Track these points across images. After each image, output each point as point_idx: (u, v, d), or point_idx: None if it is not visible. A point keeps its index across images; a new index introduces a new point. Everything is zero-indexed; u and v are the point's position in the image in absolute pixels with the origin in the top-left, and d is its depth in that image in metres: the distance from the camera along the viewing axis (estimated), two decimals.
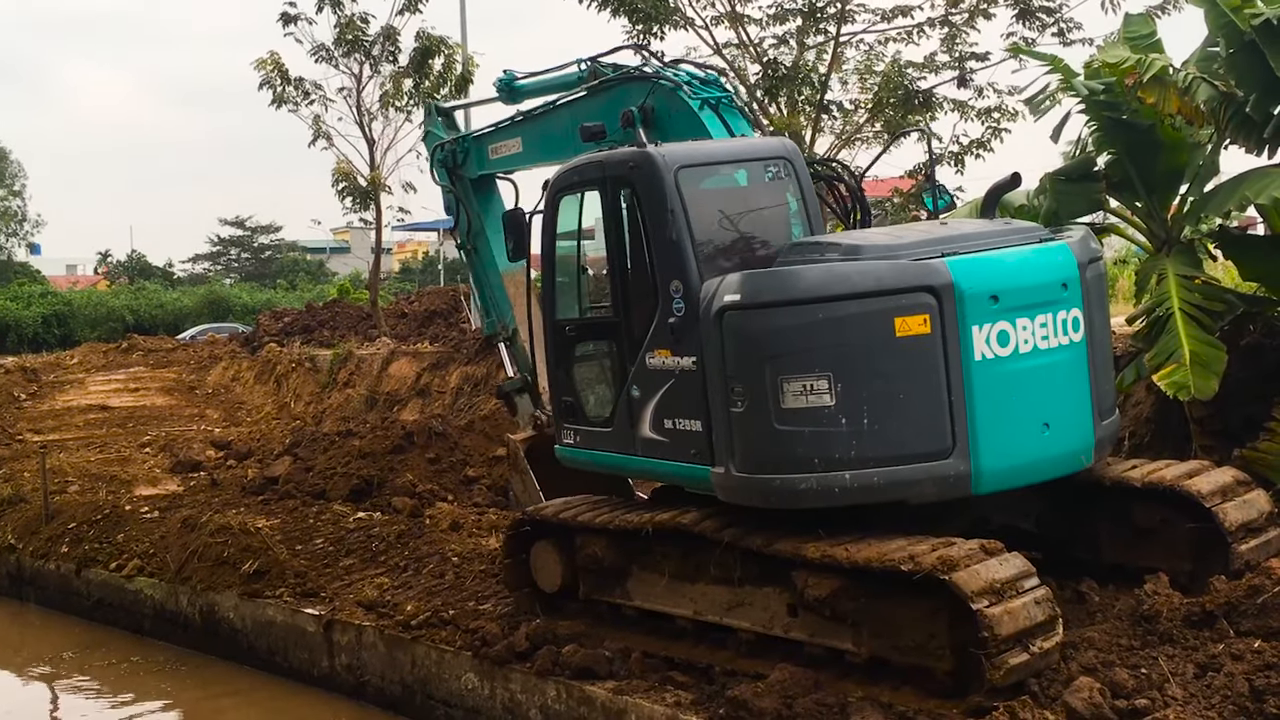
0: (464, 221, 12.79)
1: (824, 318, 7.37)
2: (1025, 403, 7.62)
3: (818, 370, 7.35)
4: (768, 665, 7.75)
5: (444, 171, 12.77)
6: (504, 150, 11.98)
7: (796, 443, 7.42)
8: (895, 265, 7.50)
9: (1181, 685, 6.67)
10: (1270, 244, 11.22)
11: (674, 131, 9.43)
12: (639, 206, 8.46)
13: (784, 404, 7.42)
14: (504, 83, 12.51)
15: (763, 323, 7.51)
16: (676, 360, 8.18)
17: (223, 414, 24.96)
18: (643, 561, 8.78)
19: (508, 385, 12.90)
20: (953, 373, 7.36)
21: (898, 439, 7.38)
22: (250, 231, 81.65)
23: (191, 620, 12.53)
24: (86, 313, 56.17)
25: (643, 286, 8.49)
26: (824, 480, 7.39)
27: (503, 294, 12.82)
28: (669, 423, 8.29)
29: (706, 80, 9.97)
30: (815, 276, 7.51)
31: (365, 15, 27.69)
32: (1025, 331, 7.60)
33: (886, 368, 7.36)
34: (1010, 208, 11.56)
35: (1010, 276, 7.65)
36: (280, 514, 14.21)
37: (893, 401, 7.36)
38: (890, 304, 7.34)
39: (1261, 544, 8.00)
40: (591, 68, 10.91)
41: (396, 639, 10.11)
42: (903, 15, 20.44)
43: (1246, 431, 10.08)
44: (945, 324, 7.34)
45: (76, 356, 32.87)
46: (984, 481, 7.49)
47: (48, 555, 14.76)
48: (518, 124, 11.92)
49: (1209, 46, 11.21)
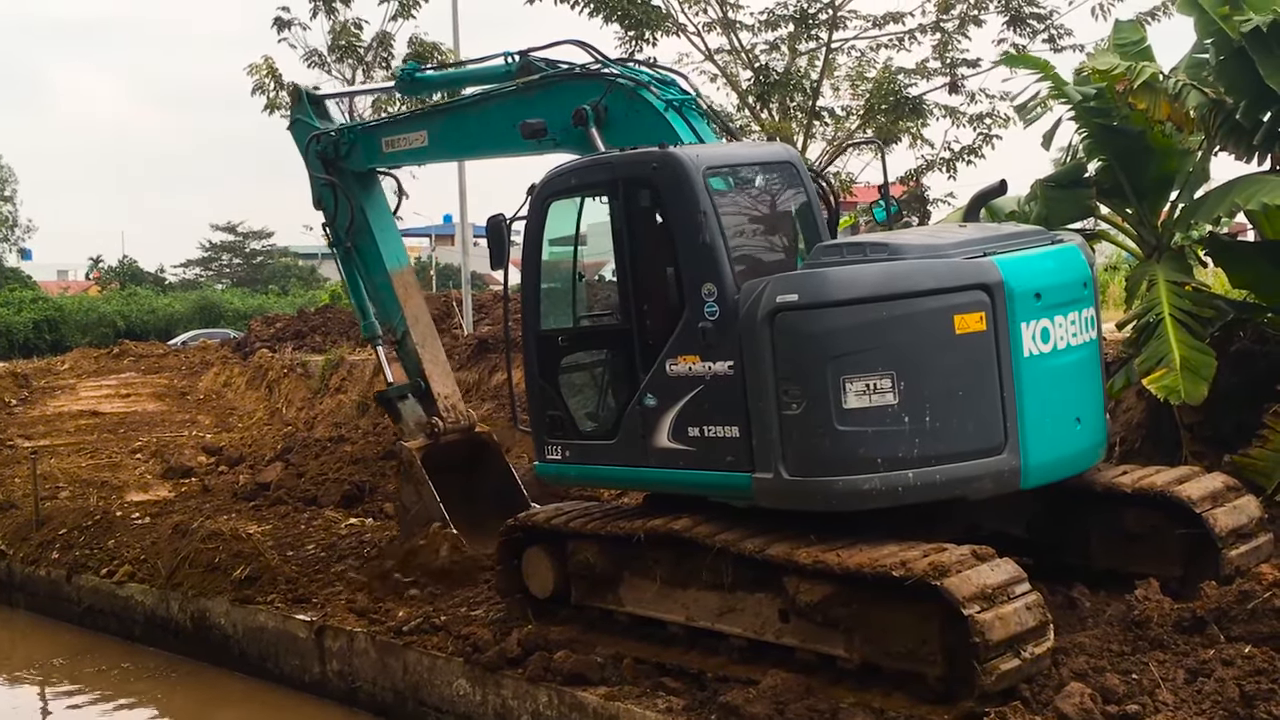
0: (343, 217, 12.12)
1: (888, 316, 7.38)
2: (1063, 398, 7.80)
3: (881, 369, 7.34)
4: (759, 671, 7.74)
5: (319, 163, 12.13)
6: (403, 144, 11.38)
7: (860, 443, 7.38)
8: (951, 263, 7.56)
9: (1172, 690, 6.68)
10: (1260, 250, 11.26)
11: (630, 133, 9.17)
12: (662, 209, 8.26)
13: (846, 404, 7.37)
14: (406, 73, 11.99)
15: (824, 322, 7.43)
16: (707, 366, 8.00)
17: (214, 420, 24.92)
18: (634, 567, 8.76)
19: (391, 391, 12.42)
20: (1004, 369, 7.45)
21: (957, 436, 7.42)
22: (242, 237, 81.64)
23: (183, 626, 12.50)
24: (78, 318, 56.07)
25: (662, 292, 8.27)
26: (888, 480, 7.36)
27: (390, 294, 12.30)
28: (695, 430, 8.11)
29: (664, 81, 9.68)
30: (876, 275, 7.48)
31: (359, 21, 27.66)
32: (1060, 328, 7.77)
33: (947, 365, 7.41)
34: (1001, 214, 11.61)
35: (1048, 274, 7.85)
36: (272, 520, 14.21)
37: (952, 399, 7.41)
38: (950, 301, 7.40)
39: (1252, 549, 8.03)
40: (523, 62, 10.50)
41: (388, 645, 10.10)
42: (894, 21, 20.45)
43: (1237, 437, 10.11)
44: (998, 321, 7.44)
45: (68, 362, 32.83)
46: (1031, 476, 7.60)
47: (38, 561, 14.71)
48: (424, 116, 11.38)
49: (1198, 53, 11.25)
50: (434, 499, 11.66)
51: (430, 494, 11.70)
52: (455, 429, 12.31)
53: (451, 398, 12.49)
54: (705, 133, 9.35)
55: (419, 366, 12.37)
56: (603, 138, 9.33)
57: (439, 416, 12.19)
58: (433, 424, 12.11)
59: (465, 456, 12.45)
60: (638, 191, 8.39)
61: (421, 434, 12.18)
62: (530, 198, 9.09)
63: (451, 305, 30.35)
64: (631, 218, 8.44)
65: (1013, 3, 19.51)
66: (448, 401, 12.38)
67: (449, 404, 12.38)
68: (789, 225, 8.93)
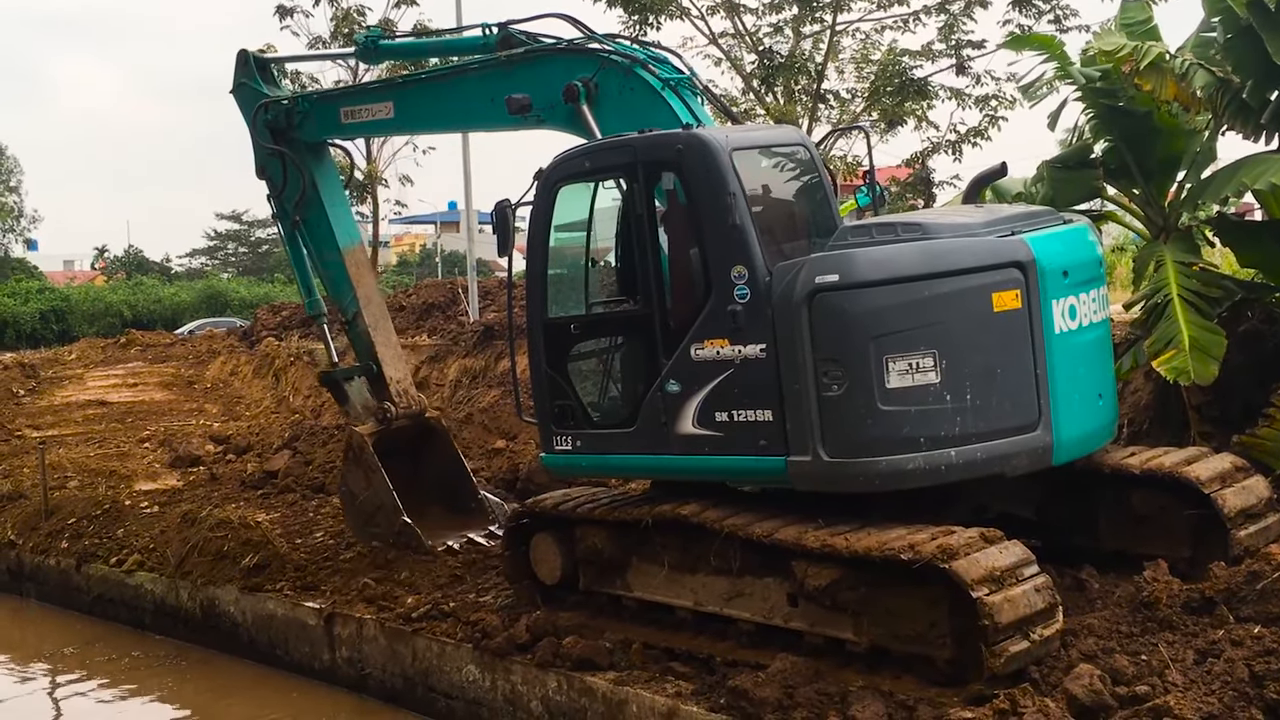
0: (293, 189, 11.58)
1: (929, 295, 7.39)
2: (1089, 374, 7.90)
3: (923, 348, 7.36)
4: (768, 655, 7.75)
5: (267, 132, 11.60)
6: (364, 115, 10.94)
7: (903, 422, 7.39)
8: (987, 242, 7.59)
9: (1181, 671, 6.67)
10: (1268, 230, 11.20)
11: (624, 111, 9.04)
12: (690, 191, 8.12)
13: (889, 384, 7.37)
14: (368, 39, 11.47)
15: (866, 302, 7.42)
16: (737, 349, 7.91)
17: (221, 408, 24.94)
18: (642, 553, 8.76)
19: (337, 373, 12.06)
20: (1038, 346, 7.50)
21: (996, 413, 7.46)
22: (247, 226, 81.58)
23: (192, 615, 12.53)
24: (84, 308, 56.16)
25: (685, 275, 8.15)
26: (931, 459, 7.38)
27: (341, 273, 11.88)
28: (723, 415, 8.03)
29: (657, 59, 9.49)
30: (916, 254, 7.49)
31: (362, 8, 27.69)
32: (1085, 306, 7.87)
33: (986, 343, 7.45)
34: (1007, 196, 11.58)
35: (1072, 253, 7.91)
36: (280, 508, 14.23)
37: (991, 376, 7.44)
38: (989, 279, 7.44)
39: (1260, 530, 8.02)
40: (502, 34, 10.21)
41: (397, 632, 10.12)
42: (899, 3, 20.44)
43: (1245, 418, 10.08)
44: (1031, 299, 7.48)
45: (75, 352, 32.84)
46: (1062, 451, 7.65)
47: (48, 551, 14.76)
48: (391, 86, 11.01)
49: (1204, 32, 11.19)
50: (385, 486, 11.49)
51: (381, 480, 11.51)
52: (406, 414, 12.05)
53: (403, 382, 12.18)
54: (701, 113, 9.27)
55: (370, 349, 12.02)
56: (593, 115, 9.19)
57: (390, 401, 11.90)
58: (384, 409, 11.83)
59: (414, 442, 12.22)
60: (661, 174, 8.24)
61: (371, 419, 11.93)
62: (537, 183, 8.92)
63: (457, 292, 30.32)
64: (652, 201, 8.34)
65: None
66: (399, 386, 12.09)
67: (400, 389, 12.09)
68: (805, 207, 8.90)
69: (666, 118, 8.87)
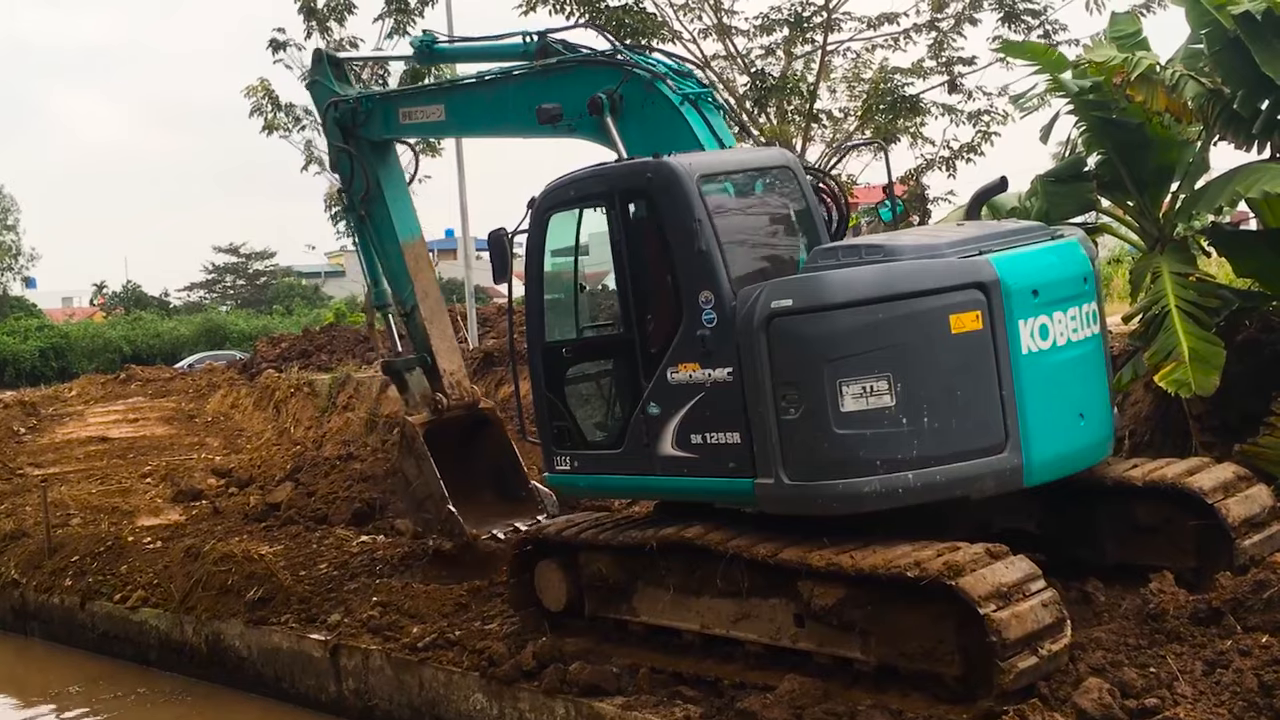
0: (359, 184, 12.03)
1: (883, 318, 7.39)
2: (1065, 394, 7.79)
3: (877, 371, 7.35)
4: (776, 676, 7.74)
5: (337, 130, 12.05)
6: (419, 116, 11.33)
7: (858, 445, 7.39)
8: (946, 263, 7.56)
9: (1190, 683, 6.66)
10: (1263, 239, 11.24)
11: (645, 124, 9.16)
12: (658, 218, 8.29)
13: (843, 407, 7.39)
14: (423, 42, 11.84)
15: (819, 326, 7.46)
16: (707, 373, 8.03)
17: (223, 441, 24.91)
18: (648, 577, 8.76)
19: (399, 363, 12.38)
20: (1003, 367, 7.45)
21: (957, 436, 7.42)
22: (245, 258, 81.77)
23: (197, 649, 12.50)
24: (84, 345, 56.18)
25: (661, 300, 8.32)
26: (887, 482, 7.37)
27: (400, 265, 12.25)
28: (697, 437, 8.15)
29: (682, 73, 9.61)
30: (871, 277, 7.50)
31: (354, 40, 27.71)
32: (1060, 325, 7.76)
33: (944, 365, 7.42)
34: (1002, 210, 11.60)
35: (1045, 271, 7.82)
36: (283, 540, 14.21)
37: (951, 398, 7.41)
38: (945, 301, 7.41)
39: (1265, 539, 8.01)
40: (541, 43, 10.39)
41: (403, 661, 10.09)
42: (889, 22, 20.46)
43: (1245, 427, 10.09)
44: (994, 319, 7.44)
45: (75, 389, 32.82)
46: (1035, 473, 7.59)
47: (51, 589, 14.73)
48: (443, 90, 11.30)
49: (1194, 43, 11.24)
50: (434, 475, 11.69)
51: (431, 469, 11.71)
52: (459, 405, 12.31)
53: (457, 374, 12.46)
54: (720, 127, 9.36)
55: (426, 342, 12.33)
56: (617, 127, 9.32)
57: (443, 392, 12.19)
58: (436, 399, 12.12)
59: (467, 432, 12.47)
60: (634, 201, 8.45)
61: (425, 408, 12.18)
62: (530, 211, 9.13)
63: (456, 319, 30.34)
64: (629, 228, 8.49)
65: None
66: (453, 378, 12.38)
67: (454, 380, 12.37)
68: (788, 230, 8.93)
69: (683, 133, 9.02)
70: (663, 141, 8.82)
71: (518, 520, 11.91)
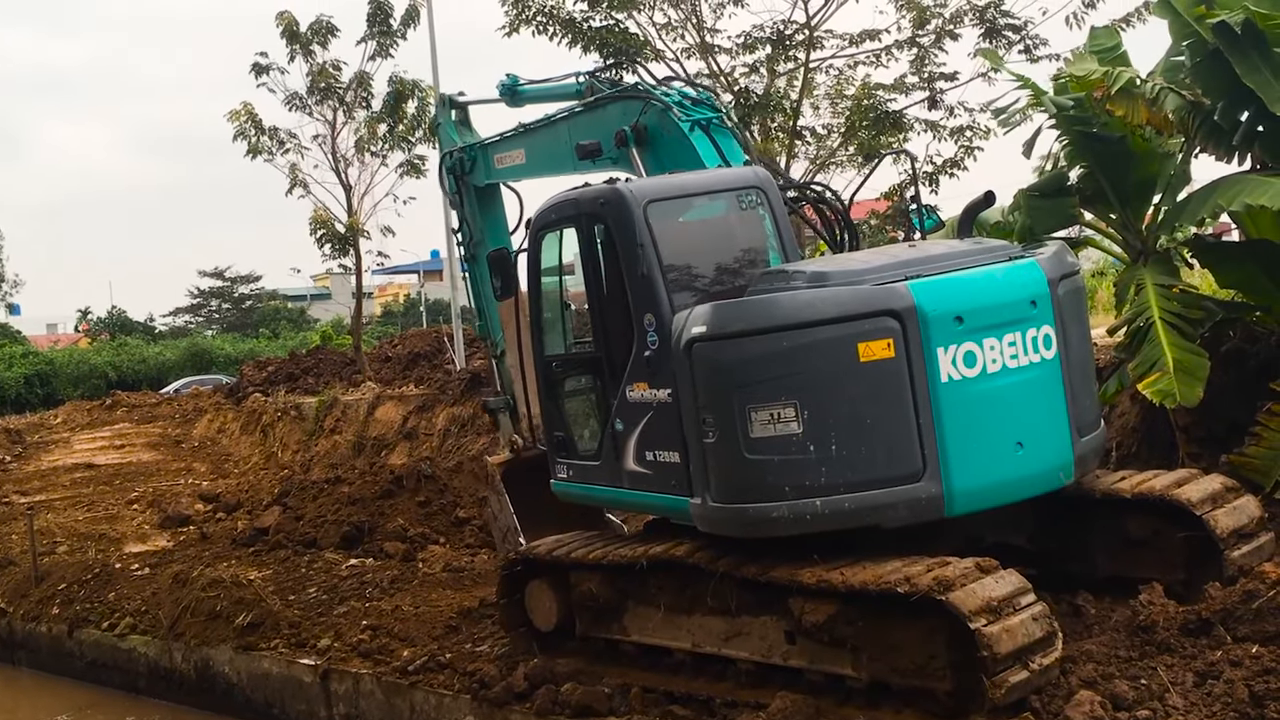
0: (464, 231, 12.70)
1: (788, 346, 7.39)
2: (996, 423, 7.61)
3: (784, 398, 7.38)
4: (768, 694, 7.72)
5: (453, 179, 12.63)
6: (509, 160, 11.85)
7: (767, 471, 7.45)
8: (857, 291, 7.50)
9: (1182, 694, 6.67)
10: (1245, 250, 11.29)
11: (665, 152, 9.46)
12: (612, 242, 8.54)
13: (752, 433, 7.45)
14: (507, 86, 12.45)
15: (729, 353, 7.54)
16: (654, 393, 8.25)
17: (210, 466, 24.85)
18: (638, 596, 8.75)
19: (495, 402, 12.87)
20: (919, 395, 7.36)
21: (867, 464, 7.37)
22: (230, 282, 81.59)
23: (187, 676, 12.43)
24: (69, 371, 55.88)
25: (620, 321, 8.55)
26: (795, 508, 7.39)
27: (494, 309, 12.69)
28: (650, 455, 8.37)
29: (699, 100, 9.91)
30: (777, 305, 7.53)
31: (337, 62, 27.81)
32: (993, 351, 7.58)
33: (852, 393, 7.36)
34: (986, 225, 11.64)
35: (975, 296, 7.63)
36: (272, 564, 14.16)
37: (860, 426, 7.36)
38: (853, 329, 7.35)
39: (1254, 549, 8.02)
40: (589, 82, 10.90)
41: (394, 685, 10.05)
42: (870, 39, 20.57)
43: (1232, 437, 10.13)
44: (910, 347, 7.34)
45: (60, 416, 32.72)
46: (957, 503, 7.47)
47: (39, 618, 14.64)
48: (520, 135, 11.77)
49: (1174, 56, 11.31)
50: (509, 511, 12.05)
51: (507, 505, 12.10)
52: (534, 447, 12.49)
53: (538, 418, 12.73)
54: (731, 150, 9.51)
55: (510, 386, 12.79)
56: (644, 157, 9.57)
57: (520, 435, 12.58)
58: (514, 440, 12.55)
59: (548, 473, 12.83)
60: (594, 226, 8.72)
61: (507, 449, 12.66)
62: (528, 231, 9.50)
63: (443, 340, 30.33)
64: (592, 251, 8.77)
65: (988, 14, 19.62)
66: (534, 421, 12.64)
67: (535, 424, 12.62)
68: (755, 249, 8.92)
69: (691, 159, 9.25)
70: (677, 166, 9.17)
71: None
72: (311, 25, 27.46)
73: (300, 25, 27.39)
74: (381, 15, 27.39)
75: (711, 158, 9.30)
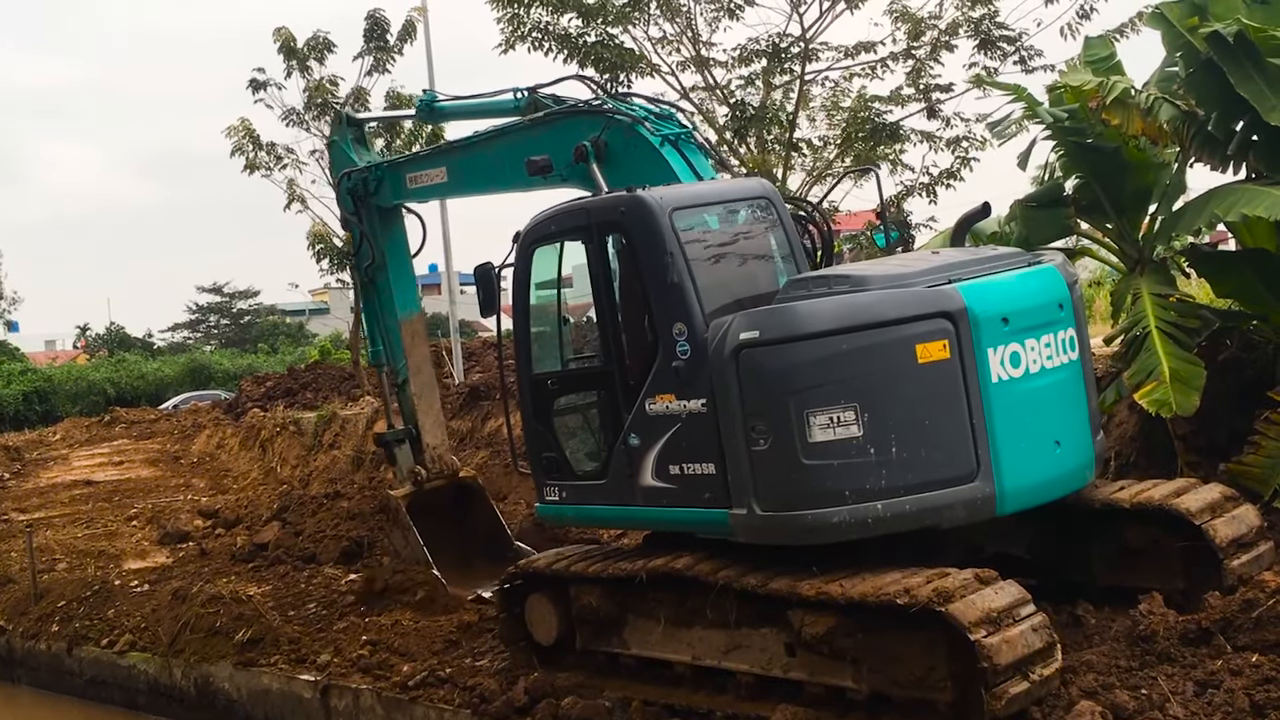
0: (365, 254, 12.43)
1: (848, 349, 7.40)
2: (1038, 422, 7.75)
3: (844, 401, 7.36)
4: (768, 707, 7.73)
5: (350, 199, 12.32)
6: (425, 180, 11.55)
7: (826, 476, 7.40)
8: (912, 293, 7.57)
9: (1182, 704, 6.68)
10: (1241, 259, 11.31)
11: (629, 168, 9.28)
12: (633, 251, 8.39)
13: (810, 438, 7.40)
14: (424, 102, 12.18)
15: (785, 358, 7.48)
16: (683, 404, 8.10)
17: (209, 482, 24.80)
18: (638, 609, 8.75)
19: (389, 435, 12.90)
20: (972, 396, 7.44)
21: (925, 465, 7.41)
22: (228, 297, 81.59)
23: (186, 693, 12.41)
24: (67, 388, 55.81)
25: (638, 332, 8.41)
26: (856, 512, 7.37)
27: (397, 339, 12.65)
28: (675, 468, 8.20)
29: (662, 115, 9.78)
30: (836, 308, 7.52)
31: (334, 78, 27.81)
32: (1033, 352, 7.74)
33: (911, 395, 7.41)
34: (982, 236, 11.66)
35: (1016, 299, 7.80)
36: (271, 580, 14.14)
37: (918, 428, 7.41)
38: (911, 331, 7.41)
39: (1253, 558, 8.04)
40: (531, 98, 10.64)
41: (394, 700, 10.03)
42: (866, 51, 20.61)
43: (1230, 446, 10.13)
44: (963, 348, 7.43)
45: (59, 432, 32.70)
46: (1008, 501, 7.56)
47: (38, 635, 14.62)
48: (443, 152, 11.58)
49: (1168, 67, 11.35)
50: (418, 543, 12.08)
51: (415, 539, 12.12)
52: (439, 477, 12.89)
53: (439, 448, 13.03)
54: (701, 165, 9.47)
55: (414, 415, 12.81)
56: (604, 173, 9.43)
57: (424, 465, 12.69)
58: (416, 472, 12.61)
59: (453, 501, 13.02)
60: (610, 235, 8.58)
61: (409, 481, 12.67)
62: (515, 245, 9.25)
63: (442, 354, 30.33)
64: (606, 261, 8.62)
65: (982, 26, 19.67)
66: (435, 451, 12.95)
67: (435, 454, 12.95)
68: (767, 260, 8.97)
69: (664, 173, 9.14)
70: (646, 181, 8.94)
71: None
72: (308, 41, 27.49)
73: (297, 41, 27.43)
74: (378, 30, 27.40)
75: (685, 173, 9.21)
